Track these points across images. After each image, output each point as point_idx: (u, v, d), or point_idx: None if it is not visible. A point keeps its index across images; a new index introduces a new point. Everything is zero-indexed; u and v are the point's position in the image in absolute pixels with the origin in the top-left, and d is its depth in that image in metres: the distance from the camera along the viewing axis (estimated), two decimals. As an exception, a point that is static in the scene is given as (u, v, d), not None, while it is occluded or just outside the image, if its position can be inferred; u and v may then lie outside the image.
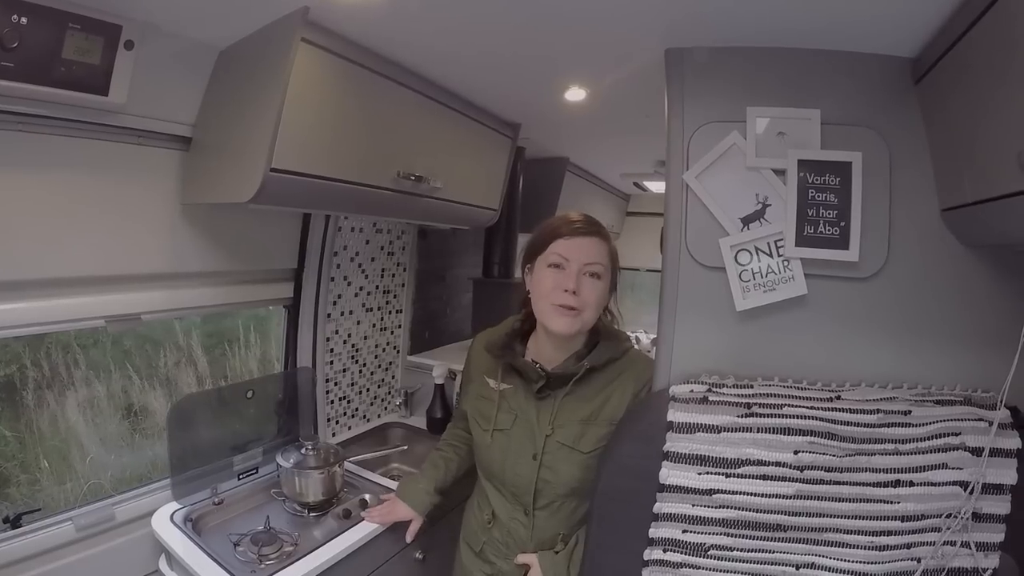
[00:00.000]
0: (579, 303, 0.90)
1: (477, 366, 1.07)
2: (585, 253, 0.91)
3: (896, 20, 0.76)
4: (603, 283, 0.93)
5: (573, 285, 0.89)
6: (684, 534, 0.82)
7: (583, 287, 0.90)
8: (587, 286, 0.91)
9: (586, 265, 0.91)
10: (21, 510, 1.05)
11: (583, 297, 0.90)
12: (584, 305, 0.90)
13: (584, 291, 0.90)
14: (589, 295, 0.91)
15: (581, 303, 0.90)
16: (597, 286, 0.92)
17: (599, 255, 0.92)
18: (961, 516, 0.77)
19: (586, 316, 0.91)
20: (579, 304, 0.90)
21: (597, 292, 0.92)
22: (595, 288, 0.91)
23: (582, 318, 0.91)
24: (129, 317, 1.10)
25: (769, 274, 0.85)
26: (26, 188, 0.92)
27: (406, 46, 1.03)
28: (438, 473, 1.16)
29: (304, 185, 0.95)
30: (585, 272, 0.91)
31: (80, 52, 0.85)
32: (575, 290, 0.89)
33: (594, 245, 0.92)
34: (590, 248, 0.92)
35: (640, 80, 1.08)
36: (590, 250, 0.92)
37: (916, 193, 0.84)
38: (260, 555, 1.06)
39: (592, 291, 0.91)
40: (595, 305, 0.92)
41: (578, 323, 0.91)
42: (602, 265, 0.92)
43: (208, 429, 1.29)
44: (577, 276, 0.90)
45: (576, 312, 0.90)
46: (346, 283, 1.68)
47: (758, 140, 0.86)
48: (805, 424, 0.79)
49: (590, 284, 0.91)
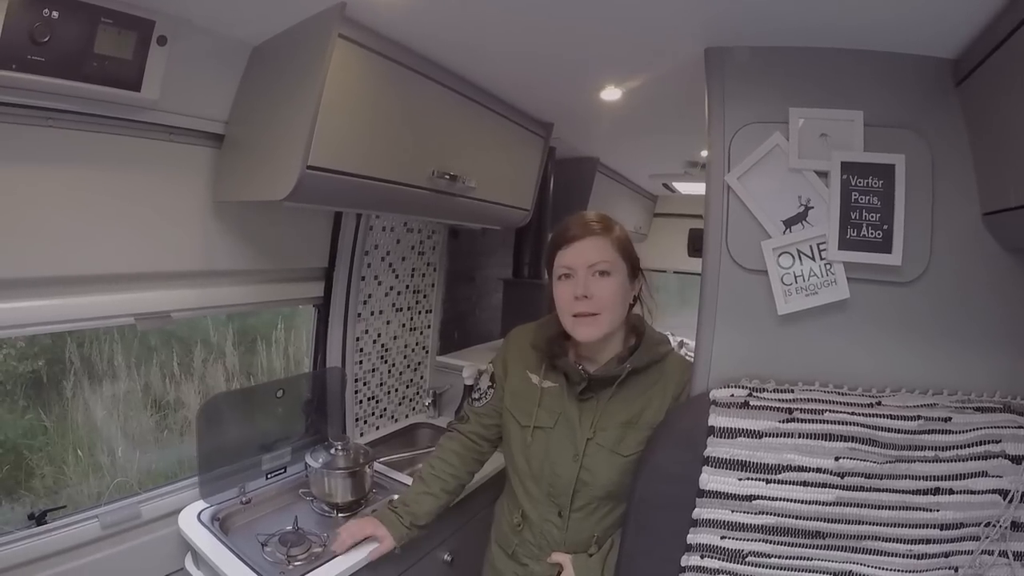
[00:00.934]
0: (595, 306, 0.89)
1: (516, 360, 1.05)
2: (586, 256, 0.91)
3: (937, 21, 0.75)
4: (615, 278, 0.91)
5: (582, 290, 0.89)
6: (723, 540, 0.82)
7: (594, 288, 0.90)
8: (598, 286, 0.90)
9: (590, 267, 0.90)
10: (46, 507, 1.05)
11: (597, 298, 0.89)
12: (601, 307, 0.90)
13: (597, 291, 0.90)
14: (603, 294, 0.90)
15: (597, 305, 0.89)
16: (609, 283, 0.91)
17: (601, 252, 0.91)
18: (1000, 525, 0.77)
19: (607, 317, 0.90)
20: (595, 307, 0.89)
21: (611, 289, 0.91)
22: (607, 285, 0.90)
23: (603, 320, 0.90)
24: (159, 315, 1.10)
25: (811, 277, 0.84)
26: (56, 184, 0.92)
27: (443, 42, 1.02)
28: (422, 507, 1.06)
29: (340, 183, 0.94)
30: (593, 273, 0.90)
31: (112, 47, 0.85)
32: (586, 295, 0.89)
33: (593, 244, 0.91)
34: (590, 249, 0.91)
35: (676, 80, 1.07)
36: (590, 251, 0.91)
37: (957, 196, 0.83)
38: (288, 555, 1.06)
39: (605, 289, 0.90)
40: (613, 303, 0.91)
41: (602, 327, 0.91)
42: (607, 261, 0.91)
43: (237, 428, 1.28)
44: (585, 280, 0.90)
45: (595, 316, 0.90)
46: (376, 282, 1.67)
47: (800, 141, 0.85)
48: (846, 430, 0.78)
49: (601, 283, 0.90)
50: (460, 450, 1.12)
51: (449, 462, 1.11)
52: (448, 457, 1.11)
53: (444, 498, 1.09)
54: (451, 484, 1.10)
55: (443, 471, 1.10)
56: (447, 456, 1.11)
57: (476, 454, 1.13)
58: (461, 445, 1.12)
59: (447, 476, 1.10)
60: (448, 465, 1.10)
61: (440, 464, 1.11)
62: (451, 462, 1.11)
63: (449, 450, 1.12)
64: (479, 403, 1.11)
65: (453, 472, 1.10)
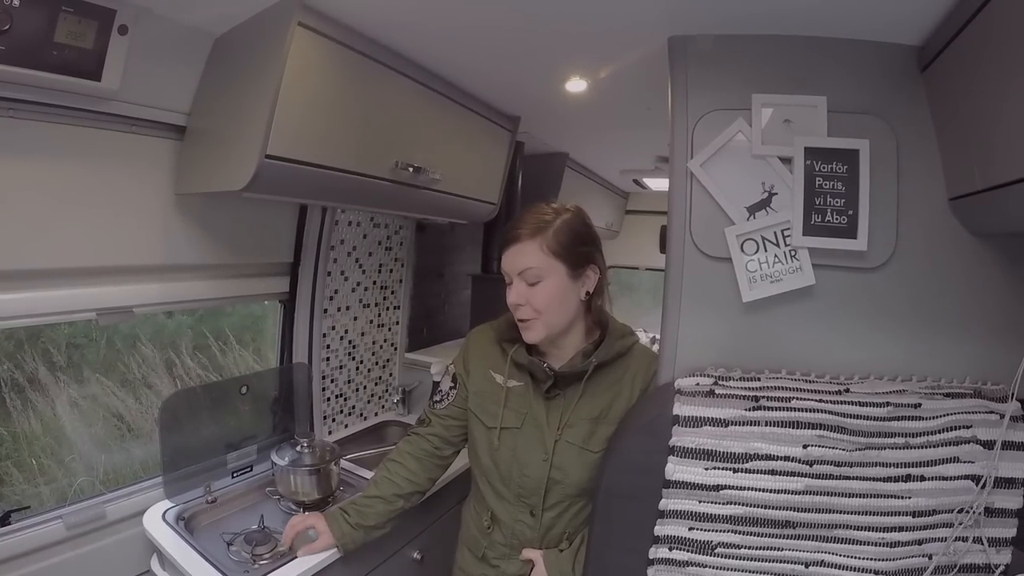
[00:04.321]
0: (529, 312, 0.89)
1: (478, 360, 1.03)
2: (513, 263, 0.90)
3: (901, 7, 0.75)
4: (548, 282, 0.89)
5: (515, 298, 0.90)
6: (691, 531, 0.80)
7: (527, 294, 0.89)
8: (530, 292, 0.89)
9: (520, 274, 0.90)
10: (9, 508, 1.03)
11: (533, 304, 0.89)
12: (534, 313, 0.89)
13: (529, 297, 0.89)
14: (537, 300, 0.89)
15: (530, 312, 0.89)
16: (541, 289, 0.89)
17: (526, 258, 0.89)
18: (973, 511, 0.76)
19: (544, 320, 0.90)
20: (530, 313, 0.89)
21: (544, 293, 0.89)
22: (540, 291, 0.89)
23: (540, 323, 0.90)
24: (121, 310, 1.08)
25: (776, 264, 0.83)
26: (16, 176, 0.90)
27: (404, 30, 1.01)
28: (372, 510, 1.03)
29: (300, 173, 0.93)
30: (524, 280, 0.90)
31: (73, 36, 0.84)
32: (519, 302, 0.89)
33: (518, 252, 0.90)
34: (515, 257, 0.90)
35: (641, 71, 1.07)
36: (516, 259, 0.90)
37: (923, 182, 0.83)
38: (254, 555, 1.04)
39: (539, 295, 0.89)
40: (548, 306, 0.89)
41: (541, 329, 0.90)
42: (534, 267, 0.89)
43: (201, 426, 1.26)
44: (517, 286, 0.90)
45: (531, 322, 0.90)
46: (343, 278, 1.66)
47: (764, 128, 0.85)
48: (814, 417, 0.77)
49: (533, 290, 0.89)
50: (418, 454, 1.06)
51: (405, 466, 1.06)
52: (405, 461, 1.06)
53: (397, 503, 1.04)
54: (405, 489, 1.05)
55: (397, 475, 1.05)
56: (403, 459, 1.06)
57: (437, 459, 1.07)
58: (420, 449, 1.07)
59: (401, 480, 1.05)
60: (404, 470, 1.05)
61: (396, 467, 1.06)
62: (407, 466, 1.06)
63: (407, 454, 1.07)
64: (440, 405, 1.06)
65: (408, 477, 1.05)
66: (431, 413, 1.07)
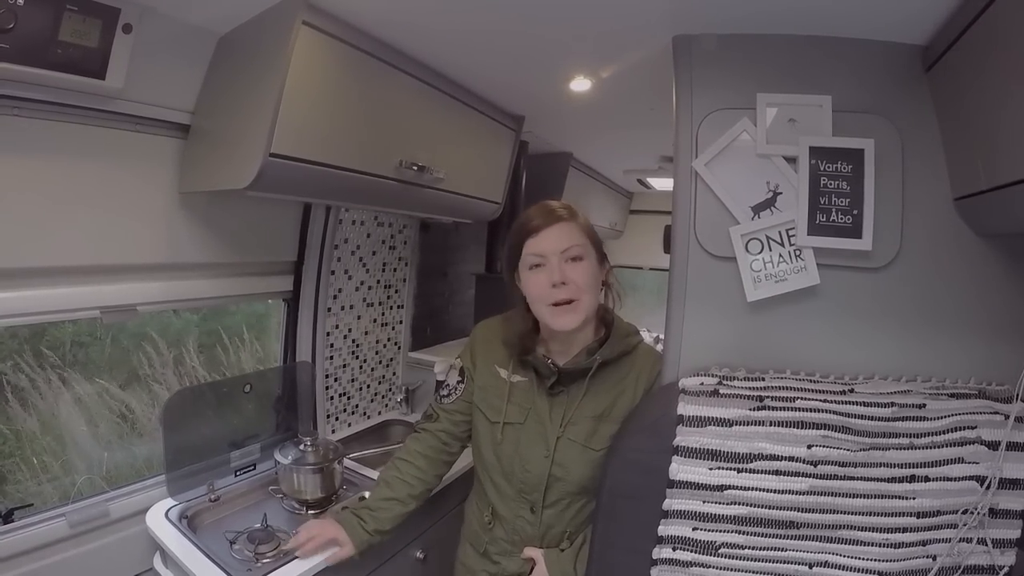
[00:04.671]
0: (572, 292, 0.88)
1: (484, 355, 1.03)
2: (557, 242, 0.89)
3: (904, 7, 0.75)
4: (588, 262, 0.90)
5: (559, 277, 0.88)
6: (694, 532, 0.80)
7: (570, 273, 0.88)
8: (573, 271, 0.89)
9: (564, 252, 0.89)
10: (12, 505, 1.03)
11: (574, 284, 0.88)
12: (578, 292, 0.88)
13: (572, 276, 0.88)
14: (579, 278, 0.88)
15: (575, 291, 0.88)
16: (583, 267, 0.89)
17: (572, 237, 0.90)
18: (978, 512, 0.75)
19: (585, 301, 0.89)
20: (573, 293, 0.88)
21: (586, 273, 0.89)
22: (583, 270, 0.89)
23: (582, 305, 0.89)
24: (125, 308, 1.08)
25: (780, 264, 0.83)
26: (21, 174, 0.91)
27: (409, 30, 1.01)
28: (387, 514, 1.01)
29: (304, 172, 0.93)
30: (566, 259, 0.89)
31: (77, 34, 0.84)
32: (563, 281, 0.88)
33: (563, 230, 0.90)
34: (560, 234, 0.89)
35: (645, 70, 1.07)
36: (561, 236, 0.89)
37: (928, 182, 0.83)
38: (256, 553, 1.04)
39: (581, 273, 0.89)
40: (589, 287, 0.89)
41: (581, 313, 0.89)
42: (578, 245, 0.89)
43: (204, 424, 1.26)
44: (560, 266, 0.88)
45: (574, 303, 0.88)
46: (347, 277, 1.66)
47: (769, 127, 0.84)
48: (818, 417, 0.77)
49: (576, 268, 0.89)
50: (428, 452, 1.06)
51: (416, 465, 1.05)
52: (415, 460, 1.05)
53: (411, 504, 1.03)
54: (418, 489, 1.04)
55: (410, 475, 1.04)
56: (414, 459, 1.05)
57: (445, 455, 1.07)
58: (429, 447, 1.06)
59: (414, 480, 1.04)
60: (415, 468, 1.04)
61: (407, 467, 1.05)
62: (418, 465, 1.05)
63: (416, 452, 1.06)
64: (448, 400, 1.05)
65: (420, 476, 1.04)
66: (439, 408, 1.07)
